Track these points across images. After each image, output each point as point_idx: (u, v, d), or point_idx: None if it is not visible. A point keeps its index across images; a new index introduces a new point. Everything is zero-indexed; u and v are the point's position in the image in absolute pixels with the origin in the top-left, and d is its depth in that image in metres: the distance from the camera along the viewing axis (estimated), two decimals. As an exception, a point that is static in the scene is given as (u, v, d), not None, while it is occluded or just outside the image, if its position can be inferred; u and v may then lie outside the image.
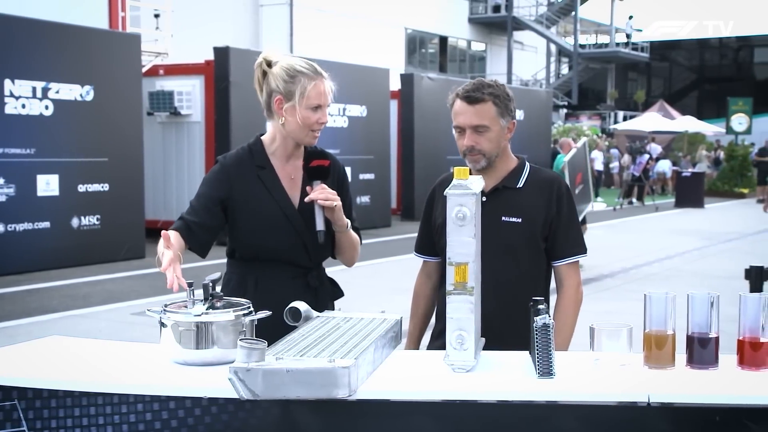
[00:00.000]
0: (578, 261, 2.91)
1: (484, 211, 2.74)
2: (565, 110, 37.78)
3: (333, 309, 2.84)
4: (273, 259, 2.73)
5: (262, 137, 2.82)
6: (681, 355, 2.14)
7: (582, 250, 2.90)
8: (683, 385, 2.00)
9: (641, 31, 43.83)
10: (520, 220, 2.80)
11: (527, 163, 2.93)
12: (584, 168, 12.02)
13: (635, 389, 1.96)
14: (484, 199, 2.76)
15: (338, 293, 2.92)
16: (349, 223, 2.79)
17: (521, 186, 2.85)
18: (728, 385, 2.00)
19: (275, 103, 2.72)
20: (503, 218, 2.79)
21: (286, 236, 2.72)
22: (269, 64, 2.75)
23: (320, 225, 2.68)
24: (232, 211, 2.74)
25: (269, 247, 2.72)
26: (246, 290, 2.64)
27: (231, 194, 2.73)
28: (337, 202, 2.68)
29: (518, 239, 2.80)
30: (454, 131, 2.85)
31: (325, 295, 2.83)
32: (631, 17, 42.73)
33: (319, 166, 2.73)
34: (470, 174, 2.17)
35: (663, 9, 46.75)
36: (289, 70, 2.71)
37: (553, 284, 2.97)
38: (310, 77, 2.69)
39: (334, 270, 2.98)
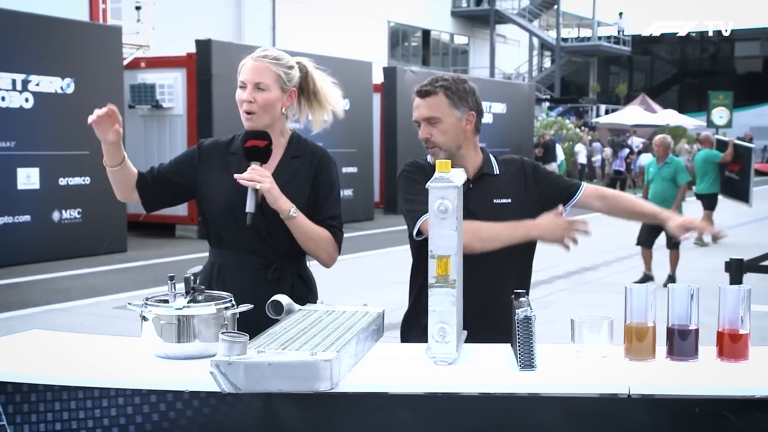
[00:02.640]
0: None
1: (473, 198, 2.77)
2: (546, 103, 37.87)
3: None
4: (234, 247, 2.73)
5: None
6: (661, 347, 2.15)
7: (579, 185, 2.95)
8: (663, 377, 2.01)
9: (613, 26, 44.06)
10: (510, 201, 2.84)
11: (488, 152, 2.96)
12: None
13: (616, 381, 1.97)
14: (471, 186, 2.81)
15: (305, 292, 2.78)
16: (291, 210, 2.66)
17: (498, 173, 2.89)
18: (708, 376, 2.02)
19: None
20: (494, 200, 2.82)
21: (240, 222, 2.65)
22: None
23: (250, 207, 2.61)
24: (199, 194, 2.80)
25: (228, 233, 2.72)
26: (211, 278, 2.68)
27: (196, 175, 2.78)
28: (263, 183, 2.60)
29: (512, 219, 2.79)
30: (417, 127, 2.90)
31: (286, 291, 2.64)
32: (621, 14, 42.96)
33: (252, 146, 2.69)
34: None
35: (663, 9, 47.00)
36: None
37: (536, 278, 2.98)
38: (247, 57, 2.75)
39: (315, 263, 2.94)
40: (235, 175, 2.64)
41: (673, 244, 9.27)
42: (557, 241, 2.67)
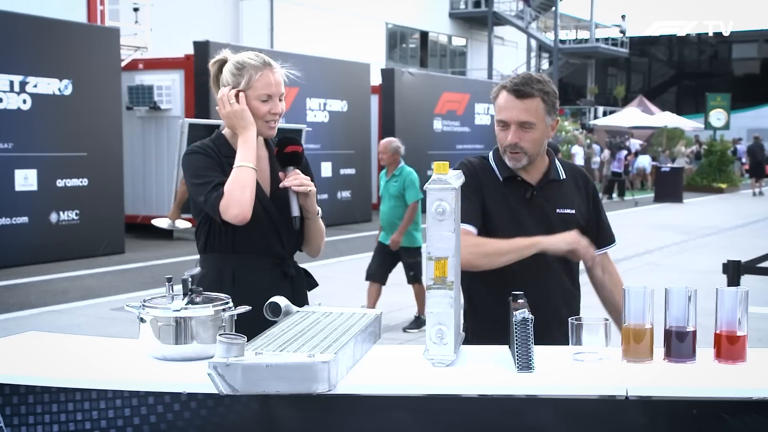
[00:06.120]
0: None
1: (536, 207, 2.71)
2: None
3: (307, 299, 2.85)
4: (249, 250, 2.72)
5: (223, 131, 2.80)
6: (659, 349, 2.15)
7: (614, 240, 2.93)
8: (661, 379, 2.01)
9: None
10: (573, 212, 2.77)
11: (553, 154, 2.86)
12: None
13: (613, 383, 1.97)
14: (534, 193, 2.74)
15: (312, 283, 2.93)
16: (320, 211, 2.81)
17: (564, 177, 2.80)
18: (705, 378, 2.02)
19: None
20: (558, 210, 2.74)
21: (261, 225, 2.70)
22: (224, 63, 2.77)
23: (295, 211, 2.69)
24: None
25: (245, 237, 2.70)
26: (223, 284, 2.63)
27: None
28: (312, 187, 2.70)
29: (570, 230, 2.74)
30: (496, 125, 2.73)
31: (301, 284, 2.84)
32: (623, 16, 43.06)
33: (293, 152, 2.73)
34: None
35: (662, 9, 47.19)
36: (237, 63, 2.72)
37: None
38: (256, 68, 2.69)
39: (312, 265, 2.98)
40: (284, 182, 2.67)
41: (414, 278, 7.39)
42: (561, 251, 2.65)
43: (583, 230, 2.76)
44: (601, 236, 2.86)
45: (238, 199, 2.54)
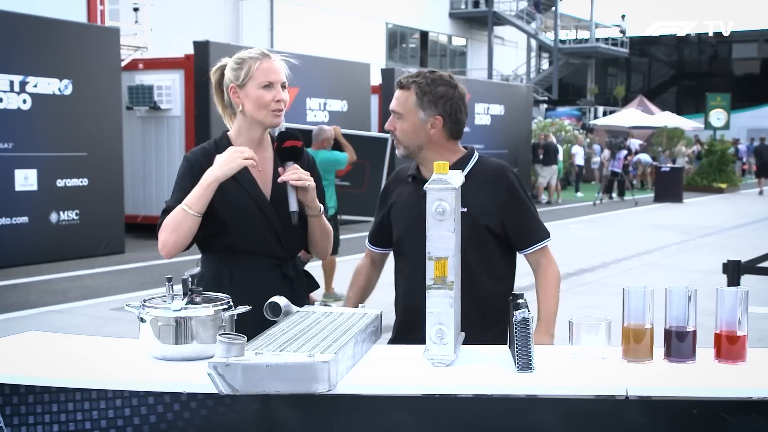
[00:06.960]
0: (547, 246, 2.83)
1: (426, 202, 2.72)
2: (544, 105, 37.89)
3: (309, 300, 2.84)
4: (247, 251, 2.72)
5: (228, 132, 2.81)
6: (659, 349, 2.15)
7: (545, 235, 2.82)
8: (661, 379, 2.01)
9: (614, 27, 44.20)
10: (465, 210, 2.66)
11: (476, 153, 2.86)
12: None
13: (614, 383, 1.97)
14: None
15: (313, 285, 2.93)
16: (322, 208, 2.79)
17: (464, 175, 2.73)
18: (705, 378, 2.02)
19: (231, 93, 2.73)
20: None
21: (259, 226, 2.70)
22: (225, 68, 2.80)
23: (293, 206, 2.67)
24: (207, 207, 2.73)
25: (243, 238, 2.70)
26: (221, 284, 2.62)
27: None
28: (310, 182, 2.67)
29: (463, 230, 2.67)
30: None
31: (301, 286, 2.83)
32: (623, 16, 43.10)
33: (291, 146, 2.72)
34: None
35: (662, 9, 47.20)
36: (236, 59, 2.75)
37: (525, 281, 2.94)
38: (255, 59, 2.72)
39: (312, 266, 2.98)
40: (282, 177, 2.67)
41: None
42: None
43: (490, 230, 2.77)
44: (525, 234, 2.79)
45: (163, 238, 2.62)
